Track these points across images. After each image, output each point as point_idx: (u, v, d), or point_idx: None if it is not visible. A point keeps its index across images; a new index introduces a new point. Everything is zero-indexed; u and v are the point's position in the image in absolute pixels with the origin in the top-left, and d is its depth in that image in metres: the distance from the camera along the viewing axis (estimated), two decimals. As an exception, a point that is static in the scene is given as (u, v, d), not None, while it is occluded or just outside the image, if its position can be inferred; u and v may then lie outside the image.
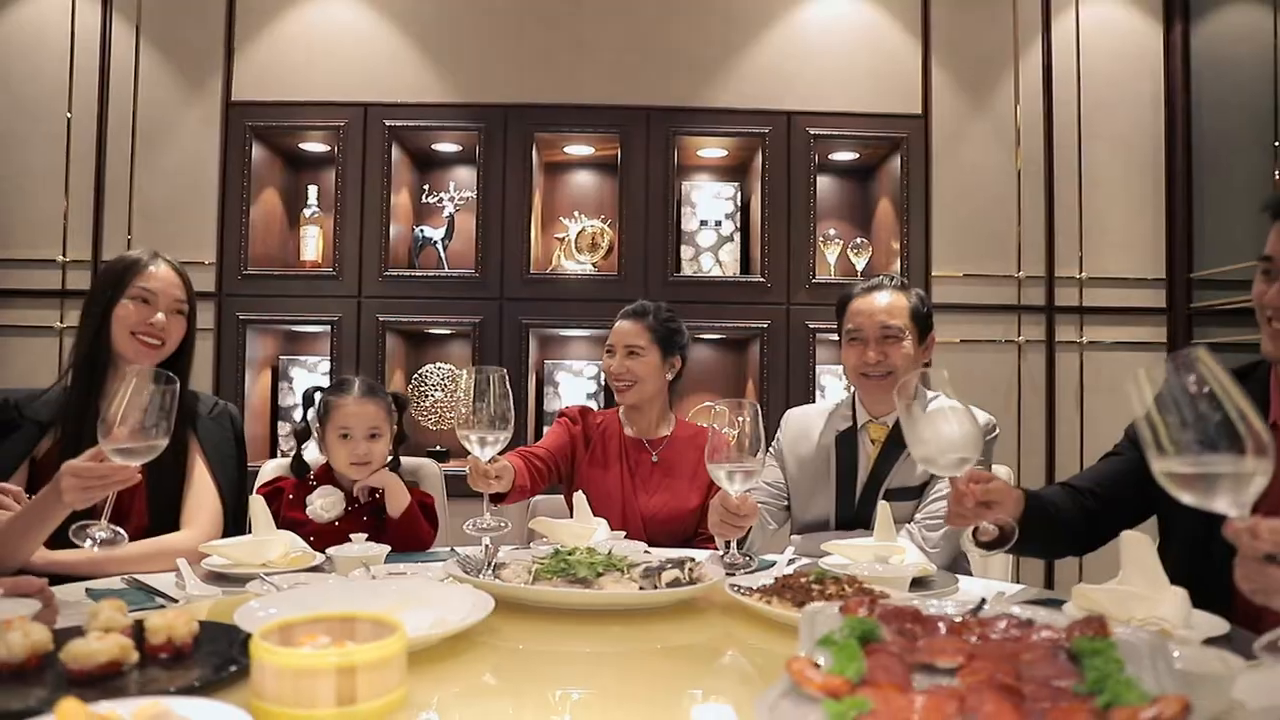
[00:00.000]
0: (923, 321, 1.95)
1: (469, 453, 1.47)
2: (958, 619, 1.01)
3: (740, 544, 1.67)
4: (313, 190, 3.39)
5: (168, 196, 3.21)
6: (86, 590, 1.40)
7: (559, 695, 1.03)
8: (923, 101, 3.29)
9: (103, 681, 0.92)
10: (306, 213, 3.36)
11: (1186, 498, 0.88)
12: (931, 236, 3.27)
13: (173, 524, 1.68)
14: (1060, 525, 1.47)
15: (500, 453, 1.54)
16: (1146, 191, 3.31)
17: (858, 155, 3.47)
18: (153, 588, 1.42)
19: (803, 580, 1.28)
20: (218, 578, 1.50)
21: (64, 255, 3.18)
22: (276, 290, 3.21)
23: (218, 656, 1.00)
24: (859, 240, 3.42)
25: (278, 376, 3.41)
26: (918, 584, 1.48)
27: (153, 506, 1.68)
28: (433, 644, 1.07)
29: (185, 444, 1.73)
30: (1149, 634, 0.91)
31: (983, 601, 1.08)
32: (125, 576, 1.50)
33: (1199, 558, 1.33)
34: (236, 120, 3.21)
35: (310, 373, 3.39)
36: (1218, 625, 1.18)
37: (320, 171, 3.49)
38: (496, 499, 1.85)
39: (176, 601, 1.35)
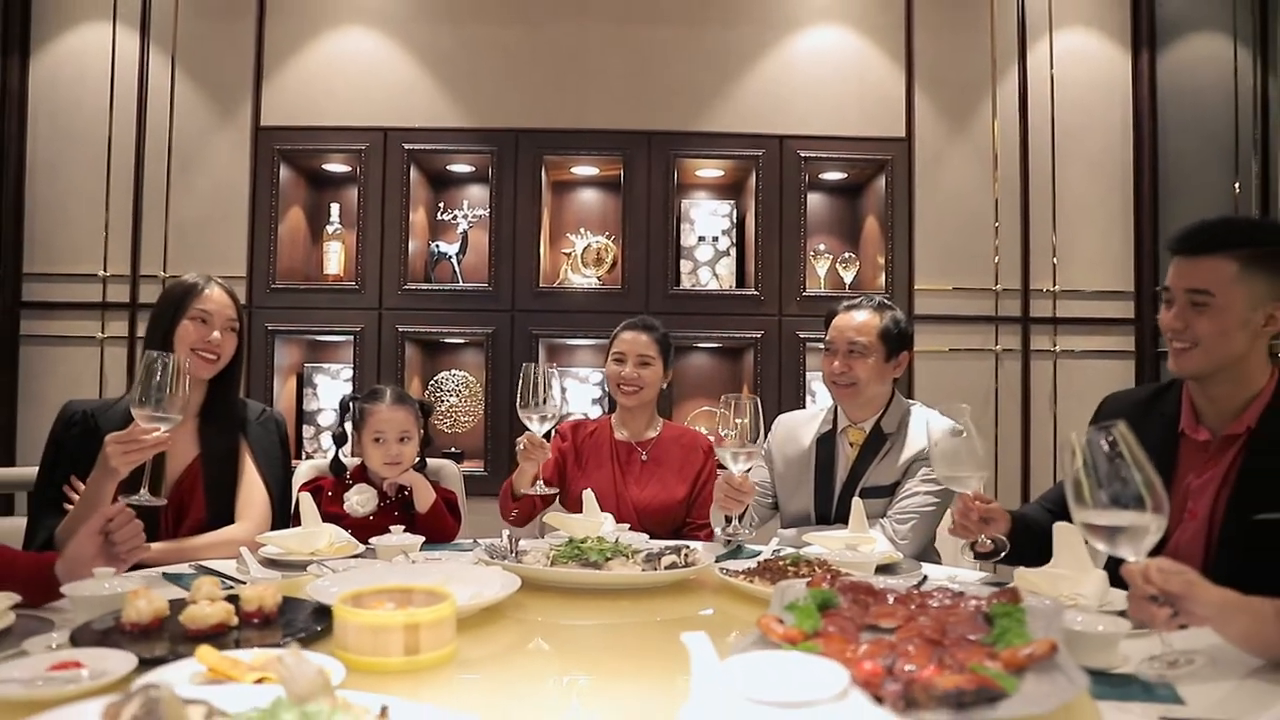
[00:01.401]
0: (892, 341, 2.16)
1: (525, 429, 1.92)
2: (903, 591, 1.23)
3: (740, 518, 1.91)
4: (335, 208, 3.61)
5: (201, 215, 3.44)
6: (163, 574, 1.62)
7: (575, 656, 1.26)
8: (906, 125, 3.51)
9: (212, 638, 1.14)
10: (329, 229, 3.59)
11: (1100, 544, 1.11)
12: (914, 251, 3.50)
13: (227, 517, 1.90)
14: (1041, 539, 1.71)
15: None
16: (1115, 210, 3.54)
17: (846, 175, 3.69)
18: (218, 571, 1.64)
19: (781, 563, 1.51)
20: (272, 564, 1.72)
21: (104, 270, 3.41)
22: (302, 303, 3.44)
23: (299, 621, 1.22)
24: (847, 255, 3.65)
25: (302, 383, 3.64)
26: (886, 570, 1.70)
27: (210, 502, 1.89)
28: (472, 613, 1.30)
29: (237, 446, 1.95)
30: (1052, 602, 1.14)
31: (924, 578, 1.30)
32: (192, 564, 1.72)
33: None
34: (265, 144, 3.44)
35: (334, 379, 3.61)
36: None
37: (341, 190, 3.71)
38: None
39: (243, 583, 1.57)
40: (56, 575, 1.32)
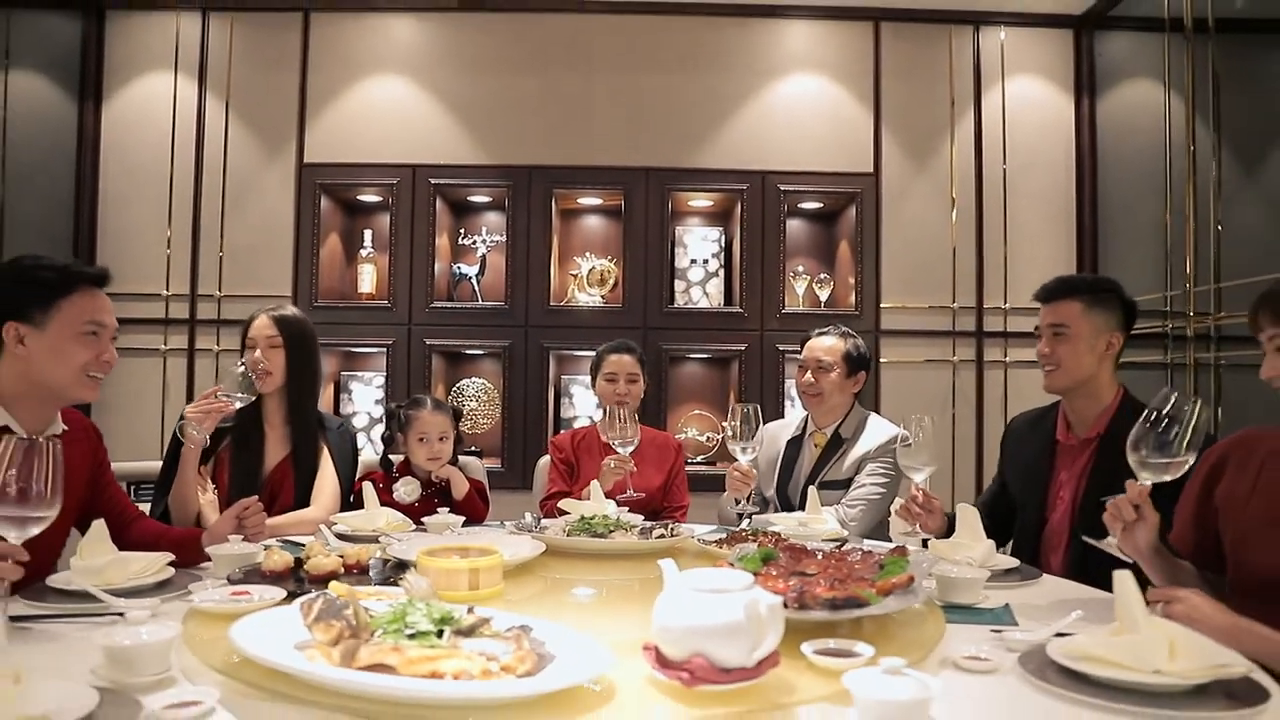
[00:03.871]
0: (853, 362, 2.62)
1: (615, 453, 2.44)
2: (828, 550, 1.68)
3: (748, 499, 2.37)
4: (368, 234, 4.06)
5: (251, 241, 3.90)
6: (263, 546, 2.07)
7: (586, 602, 1.71)
8: (874, 162, 3.96)
9: (326, 581, 1.59)
10: (363, 253, 4.04)
11: (1145, 476, 1.45)
12: (882, 273, 3.94)
13: (308, 502, 2.36)
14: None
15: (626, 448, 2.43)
16: (1060, 237, 3.98)
17: (821, 205, 4.13)
18: (301, 544, 2.09)
19: (744, 533, 1.96)
20: (343, 538, 2.16)
21: (166, 290, 3.87)
22: (340, 319, 3.89)
23: (385, 572, 1.67)
24: (823, 276, 4.09)
25: (339, 390, 4.09)
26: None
27: (297, 490, 2.35)
28: (510, 568, 1.74)
29: (318, 447, 2.40)
30: (929, 555, 1.59)
31: (844, 540, 1.74)
32: (278, 539, 2.17)
33: (1031, 535, 2.03)
34: (308, 179, 3.89)
35: (367, 386, 4.06)
36: (1011, 562, 1.86)
37: (374, 218, 4.17)
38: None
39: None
40: (202, 543, 1.78)
